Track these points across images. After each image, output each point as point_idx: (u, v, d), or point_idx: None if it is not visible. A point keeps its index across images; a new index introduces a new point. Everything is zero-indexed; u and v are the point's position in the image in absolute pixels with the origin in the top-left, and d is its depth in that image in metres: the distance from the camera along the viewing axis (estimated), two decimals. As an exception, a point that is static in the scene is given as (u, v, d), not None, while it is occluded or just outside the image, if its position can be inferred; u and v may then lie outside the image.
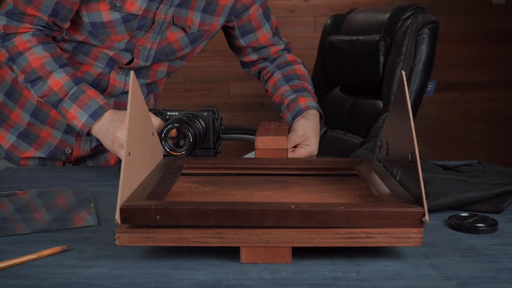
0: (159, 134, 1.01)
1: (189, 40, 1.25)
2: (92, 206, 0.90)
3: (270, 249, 0.66)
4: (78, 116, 1.09)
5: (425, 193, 0.85)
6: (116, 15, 1.14)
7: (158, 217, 0.64)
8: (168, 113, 1.07)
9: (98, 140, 1.25)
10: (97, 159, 1.38)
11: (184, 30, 1.23)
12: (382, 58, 1.74)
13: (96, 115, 1.08)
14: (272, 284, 0.61)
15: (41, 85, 1.11)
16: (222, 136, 1.10)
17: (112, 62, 1.22)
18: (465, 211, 0.85)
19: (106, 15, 1.14)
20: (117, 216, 0.64)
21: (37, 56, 1.11)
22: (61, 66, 1.12)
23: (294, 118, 1.24)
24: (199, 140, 1.04)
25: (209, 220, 0.65)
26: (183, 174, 0.90)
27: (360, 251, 0.69)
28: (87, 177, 1.13)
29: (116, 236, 0.65)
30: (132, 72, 0.70)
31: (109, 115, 1.08)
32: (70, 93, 1.10)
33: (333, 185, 0.85)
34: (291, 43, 1.43)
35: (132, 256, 0.69)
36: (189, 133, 1.01)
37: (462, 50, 2.99)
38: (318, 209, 0.65)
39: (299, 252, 0.67)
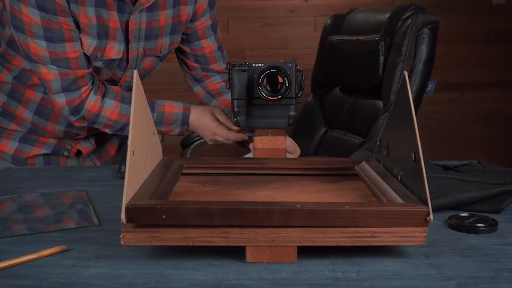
0: (256, 79, 1.02)
1: (160, 59, 1.35)
2: (91, 208, 0.90)
3: (275, 248, 0.66)
4: (171, 130, 1.27)
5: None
6: (99, 63, 1.24)
7: (163, 216, 0.64)
8: (254, 64, 1.07)
9: (96, 134, 1.35)
10: (99, 152, 1.45)
11: (156, 56, 1.32)
12: (382, 58, 1.74)
13: (185, 125, 1.27)
14: (272, 284, 0.61)
15: (128, 130, 1.20)
16: (303, 87, 1.09)
17: None
18: (465, 211, 0.85)
19: (92, 62, 1.24)
20: (123, 215, 0.64)
21: (110, 109, 1.23)
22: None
23: None
24: (293, 86, 1.03)
25: (215, 220, 0.65)
26: (183, 174, 0.90)
27: (360, 251, 0.69)
28: (87, 177, 1.13)
29: (121, 236, 0.65)
30: (135, 71, 0.71)
31: (194, 118, 1.26)
32: (154, 121, 1.19)
33: (333, 185, 0.86)
34: (290, 44, 1.44)
35: (132, 256, 0.69)
36: (285, 78, 1.01)
37: (462, 50, 2.99)
38: (324, 209, 0.65)
39: (299, 252, 0.67)
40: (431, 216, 0.65)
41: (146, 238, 0.66)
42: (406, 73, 0.73)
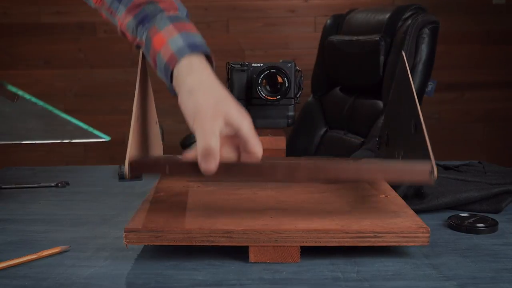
0: (255, 79, 1.02)
1: None
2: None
3: (278, 248, 0.66)
4: (168, 41, 0.71)
5: (423, 193, 0.85)
6: None
7: (167, 167, 0.66)
8: (253, 64, 1.08)
9: None
10: None
11: None
12: (382, 58, 1.74)
13: (196, 48, 0.71)
14: (272, 284, 0.61)
15: None
16: (302, 87, 1.10)
17: None
18: (465, 211, 0.85)
19: None
20: (126, 169, 0.65)
21: None
22: None
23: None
24: (292, 86, 1.04)
25: (217, 175, 0.64)
26: None
27: (361, 251, 0.69)
28: (87, 177, 1.13)
29: (123, 236, 0.65)
30: (140, 51, 0.70)
31: (206, 70, 0.72)
32: (171, 13, 0.73)
33: (334, 185, 0.86)
34: (290, 44, 1.42)
35: (132, 256, 0.69)
36: (285, 78, 1.01)
37: (462, 50, 2.99)
38: (328, 166, 0.67)
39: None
40: (436, 172, 0.65)
41: (148, 238, 0.66)
42: (403, 53, 0.74)
